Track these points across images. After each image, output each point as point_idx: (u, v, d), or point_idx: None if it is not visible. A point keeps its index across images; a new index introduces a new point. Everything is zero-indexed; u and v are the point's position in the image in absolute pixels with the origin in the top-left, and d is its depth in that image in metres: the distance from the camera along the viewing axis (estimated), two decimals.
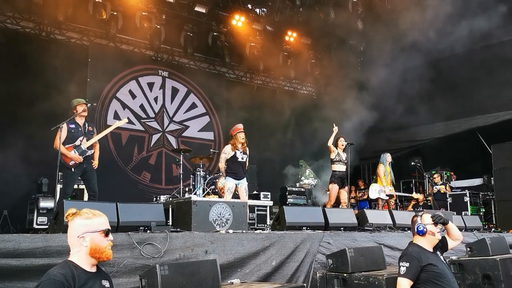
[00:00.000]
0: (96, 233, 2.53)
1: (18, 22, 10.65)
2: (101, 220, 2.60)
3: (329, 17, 12.05)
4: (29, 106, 9.46)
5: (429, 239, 3.84)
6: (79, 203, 5.70)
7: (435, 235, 3.84)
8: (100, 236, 2.54)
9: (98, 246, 2.53)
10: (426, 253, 3.77)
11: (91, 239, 2.51)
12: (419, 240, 3.86)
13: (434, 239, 3.86)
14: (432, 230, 3.83)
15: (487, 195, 12.03)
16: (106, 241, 2.56)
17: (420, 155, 12.87)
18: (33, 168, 9.21)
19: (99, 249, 2.53)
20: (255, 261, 4.76)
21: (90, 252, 2.51)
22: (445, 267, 3.82)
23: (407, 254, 3.77)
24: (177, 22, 12.23)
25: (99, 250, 2.53)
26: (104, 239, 2.55)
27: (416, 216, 3.97)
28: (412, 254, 3.73)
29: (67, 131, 6.33)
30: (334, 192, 8.93)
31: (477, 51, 11.37)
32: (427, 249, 3.83)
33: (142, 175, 11.87)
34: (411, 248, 3.83)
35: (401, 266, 3.70)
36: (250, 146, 7.94)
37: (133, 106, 12.08)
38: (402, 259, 3.75)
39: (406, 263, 3.68)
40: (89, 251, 2.51)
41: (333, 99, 13.22)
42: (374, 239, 6.03)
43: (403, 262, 3.70)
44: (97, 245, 2.52)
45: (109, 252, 2.57)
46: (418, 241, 3.87)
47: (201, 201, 5.59)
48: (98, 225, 2.56)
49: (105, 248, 2.55)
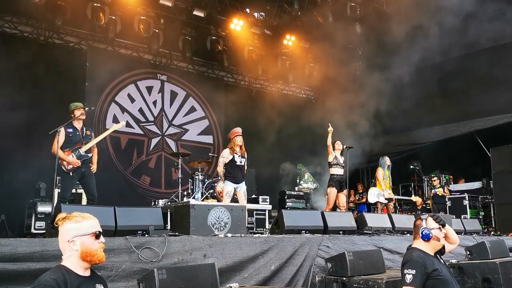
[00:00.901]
0: (86, 236, 2.48)
1: (16, 26, 10.65)
2: (91, 222, 2.54)
3: (327, 20, 12.06)
4: (27, 110, 9.44)
5: (432, 244, 3.61)
6: (77, 207, 5.70)
7: (440, 240, 3.61)
8: (90, 239, 2.49)
9: (88, 249, 2.48)
10: (430, 258, 3.53)
11: (81, 242, 2.47)
12: (421, 244, 3.61)
13: (438, 245, 3.63)
14: (437, 235, 3.59)
15: (486, 198, 12.00)
16: (97, 244, 2.51)
17: (419, 159, 12.86)
18: (31, 173, 9.17)
19: (90, 252, 2.48)
20: (254, 265, 4.75)
21: (81, 255, 2.47)
22: (448, 271, 3.64)
23: (412, 260, 3.48)
24: (176, 26, 12.23)
25: (90, 253, 2.48)
26: (94, 242, 2.50)
27: (420, 219, 3.70)
28: (417, 260, 3.45)
29: (65, 135, 6.30)
30: (332, 196, 8.89)
31: (476, 54, 11.40)
32: (430, 253, 3.59)
33: (142, 179, 11.86)
34: (414, 253, 3.54)
35: (406, 274, 3.42)
36: (248, 150, 7.93)
37: (132, 110, 12.08)
38: (407, 266, 3.47)
39: (411, 270, 3.40)
40: (80, 254, 2.47)
41: (331, 103, 13.23)
42: (373, 243, 6.01)
43: (408, 269, 3.42)
44: (87, 248, 2.48)
45: (100, 254, 2.52)
46: (420, 245, 3.62)
47: (199, 205, 5.57)
48: (88, 228, 2.51)
49: (96, 251, 2.50)
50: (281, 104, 14.04)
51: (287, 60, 13.96)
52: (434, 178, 11.86)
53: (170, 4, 11.67)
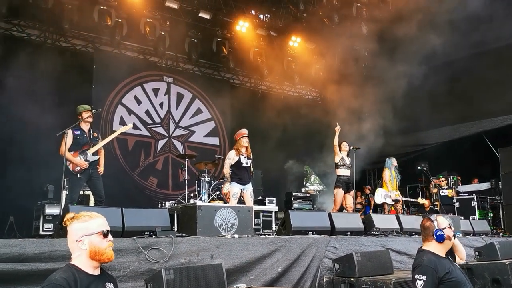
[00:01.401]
0: (94, 235, 2.49)
1: (24, 30, 10.74)
2: (99, 221, 2.55)
3: (333, 21, 12.05)
4: (34, 113, 9.47)
5: (445, 245, 3.54)
6: (85, 208, 5.70)
7: (451, 239, 3.54)
8: (98, 238, 2.49)
9: (97, 248, 2.48)
10: (441, 261, 3.45)
11: (89, 242, 2.48)
12: (433, 246, 3.53)
13: (449, 244, 3.57)
14: (449, 235, 3.52)
15: (495, 199, 11.93)
16: (106, 242, 2.51)
17: (427, 160, 12.79)
18: (39, 175, 9.21)
19: (98, 251, 2.49)
20: (261, 266, 4.73)
21: (90, 255, 2.48)
22: (460, 272, 3.55)
23: (422, 265, 3.39)
24: (181, 29, 12.26)
25: (98, 252, 2.49)
26: (103, 241, 2.50)
27: (430, 220, 3.59)
28: (428, 265, 3.36)
29: (72, 138, 6.33)
30: (339, 197, 8.87)
31: (484, 55, 11.33)
32: (441, 255, 3.52)
33: (149, 181, 11.89)
34: (425, 257, 3.45)
35: (417, 279, 3.34)
36: (254, 151, 7.92)
37: (138, 112, 12.13)
38: (417, 271, 3.38)
39: (422, 275, 3.32)
40: (89, 253, 2.48)
41: (338, 104, 13.18)
42: (381, 244, 5.98)
43: (419, 275, 3.34)
44: (96, 247, 2.48)
45: (109, 253, 2.52)
46: (431, 247, 3.53)
47: (206, 206, 5.57)
48: (96, 227, 2.51)
49: (104, 249, 2.50)
50: (287, 106, 14.02)
51: (293, 61, 13.95)
52: (442, 179, 11.78)
53: (175, 6, 11.72)
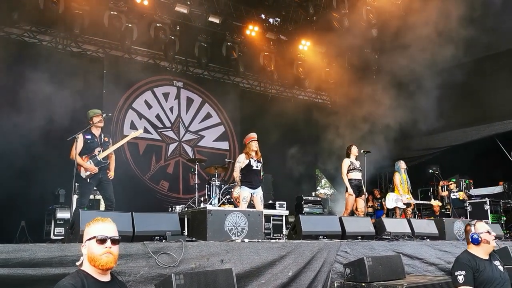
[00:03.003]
0: (91, 241, 2.43)
1: (35, 35, 10.86)
2: (99, 227, 2.47)
3: (343, 25, 12.01)
4: (45, 118, 9.54)
5: (484, 248, 3.88)
6: (96, 212, 5.73)
7: (490, 243, 3.88)
8: (94, 244, 2.42)
9: (92, 254, 2.42)
10: (475, 260, 3.80)
11: (88, 247, 2.44)
12: (473, 248, 3.91)
13: (489, 247, 3.89)
14: (486, 239, 3.87)
15: (508, 203, 11.74)
16: (102, 249, 2.41)
17: (438, 163, 12.66)
18: (50, 179, 9.28)
19: (93, 257, 2.41)
20: (272, 271, 4.71)
21: (89, 260, 2.43)
22: (496, 273, 3.80)
23: (459, 262, 3.81)
24: (191, 33, 12.33)
25: (93, 258, 2.41)
26: (98, 247, 2.41)
27: (469, 225, 4.00)
28: (463, 262, 3.78)
29: (83, 142, 6.38)
30: (350, 201, 8.78)
31: (496, 56, 11.21)
32: (481, 257, 3.85)
33: (160, 184, 11.93)
34: (461, 256, 3.89)
35: (457, 275, 3.71)
36: (264, 155, 7.89)
37: (149, 116, 12.20)
38: (456, 268, 3.77)
39: (461, 271, 3.71)
40: (88, 259, 2.43)
41: (348, 108, 13.14)
42: (393, 248, 5.92)
43: (458, 271, 3.72)
44: (91, 253, 2.42)
45: (104, 260, 2.41)
46: (472, 249, 3.91)
47: (216, 210, 5.55)
48: (94, 232, 2.45)
49: (99, 256, 2.41)
50: (297, 109, 14.00)
51: (303, 65, 13.91)
52: (451, 182, 11.66)
53: (185, 11, 11.79)
